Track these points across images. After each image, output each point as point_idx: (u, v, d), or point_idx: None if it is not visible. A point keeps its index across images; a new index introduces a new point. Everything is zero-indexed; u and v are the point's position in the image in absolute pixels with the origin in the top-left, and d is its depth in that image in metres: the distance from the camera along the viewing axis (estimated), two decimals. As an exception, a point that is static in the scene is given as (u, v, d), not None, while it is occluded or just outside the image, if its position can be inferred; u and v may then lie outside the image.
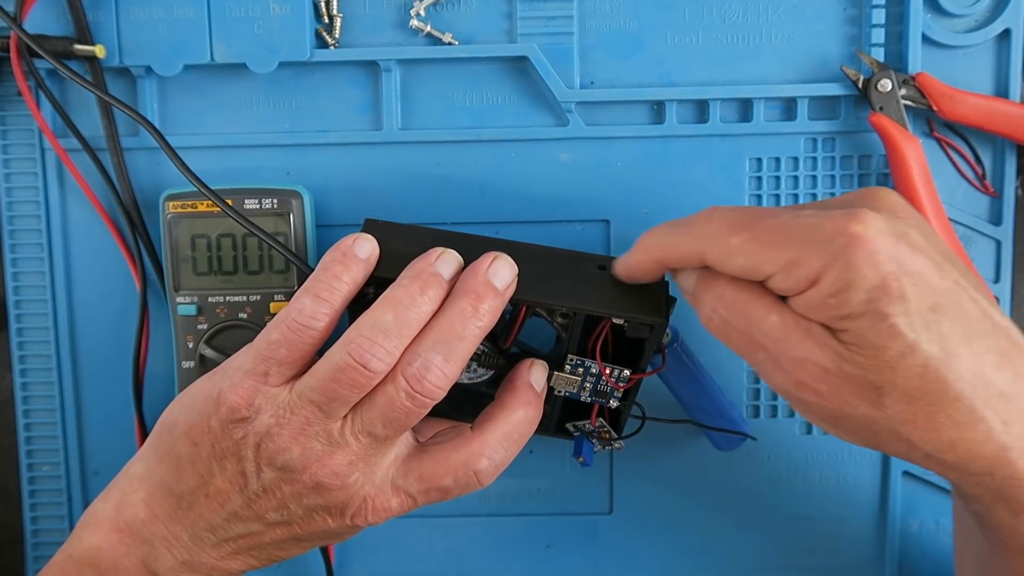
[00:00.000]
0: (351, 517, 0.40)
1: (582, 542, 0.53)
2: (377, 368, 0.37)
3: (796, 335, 0.36)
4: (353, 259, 0.39)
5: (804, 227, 0.35)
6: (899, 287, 0.34)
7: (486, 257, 0.40)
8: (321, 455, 0.38)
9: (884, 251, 0.34)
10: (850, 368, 0.35)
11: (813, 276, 0.35)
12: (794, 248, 0.35)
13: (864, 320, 0.34)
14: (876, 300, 0.34)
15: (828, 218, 0.35)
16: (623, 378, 0.43)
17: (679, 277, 0.41)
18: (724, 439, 0.50)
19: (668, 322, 0.42)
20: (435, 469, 0.40)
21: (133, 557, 0.40)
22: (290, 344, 0.38)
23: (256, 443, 0.38)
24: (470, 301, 0.38)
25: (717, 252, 0.37)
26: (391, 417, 0.38)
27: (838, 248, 0.34)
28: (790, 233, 0.35)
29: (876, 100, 0.48)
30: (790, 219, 0.36)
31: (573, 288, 0.42)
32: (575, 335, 0.42)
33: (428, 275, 0.39)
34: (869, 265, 0.34)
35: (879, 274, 0.34)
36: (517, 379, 0.42)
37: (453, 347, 0.38)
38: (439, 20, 0.50)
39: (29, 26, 0.48)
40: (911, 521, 0.53)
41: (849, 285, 0.34)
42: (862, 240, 0.34)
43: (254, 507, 0.40)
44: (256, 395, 0.38)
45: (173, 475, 0.40)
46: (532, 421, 0.42)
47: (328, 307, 0.38)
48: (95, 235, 0.51)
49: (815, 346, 0.36)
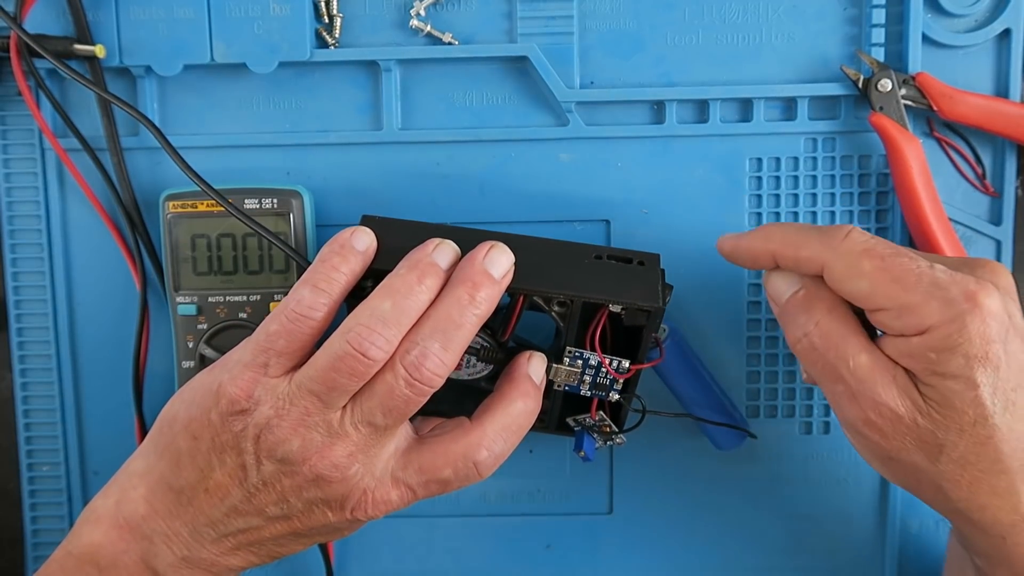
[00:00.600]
0: (351, 510, 0.40)
1: (582, 542, 0.53)
2: (376, 356, 0.37)
3: (882, 377, 0.38)
4: (351, 251, 0.40)
5: (935, 279, 0.37)
6: (996, 362, 0.36)
7: (482, 246, 0.40)
8: (321, 446, 0.38)
9: (996, 326, 0.36)
10: (924, 421, 0.37)
11: (925, 327, 0.37)
12: (919, 295, 0.37)
13: (955, 383, 0.37)
14: (972, 368, 0.36)
15: (959, 281, 0.37)
16: (622, 368, 0.43)
17: (777, 281, 0.42)
18: (724, 438, 0.50)
19: (664, 308, 0.42)
20: (434, 461, 0.40)
21: (133, 553, 0.40)
22: (289, 334, 0.38)
23: (256, 435, 0.39)
24: (467, 289, 0.39)
25: (844, 267, 0.38)
26: (390, 406, 0.38)
27: (960, 311, 0.36)
28: (920, 279, 0.37)
29: (876, 100, 0.48)
30: (925, 267, 0.38)
31: (570, 276, 0.42)
32: (573, 324, 0.42)
33: (425, 264, 0.39)
34: (979, 335, 0.36)
35: (985, 345, 0.36)
36: (515, 370, 0.43)
37: (451, 335, 0.38)
38: (439, 20, 0.50)
39: (29, 26, 0.48)
40: (911, 521, 0.53)
41: (956, 347, 0.36)
42: (984, 311, 0.36)
43: (254, 501, 0.40)
44: (256, 386, 0.39)
45: (173, 470, 0.40)
46: (531, 412, 0.42)
47: (327, 297, 0.39)
48: (95, 235, 0.51)
49: (897, 392, 0.38)
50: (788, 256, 0.41)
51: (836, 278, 0.39)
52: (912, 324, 0.37)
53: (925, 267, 0.37)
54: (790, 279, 0.41)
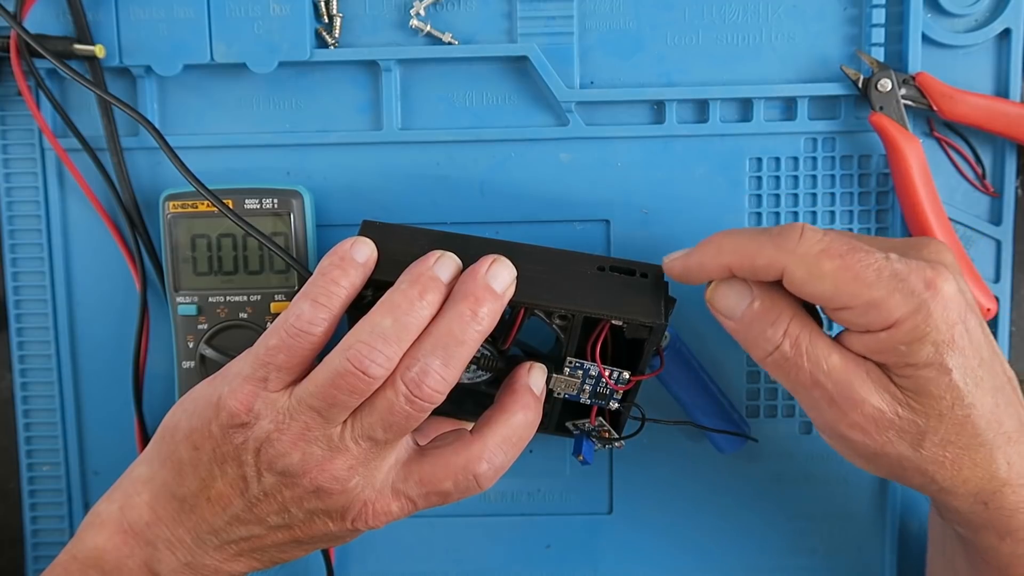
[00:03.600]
0: (352, 521, 0.40)
1: (582, 542, 0.53)
2: (376, 374, 0.37)
3: (857, 376, 0.38)
4: (351, 263, 0.39)
5: (894, 272, 0.37)
6: (961, 343, 0.37)
7: (484, 260, 0.39)
8: (321, 460, 0.38)
9: (956, 308, 0.37)
10: (904, 412, 0.38)
11: (891, 321, 0.37)
12: (882, 290, 0.37)
13: (928, 371, 0.37)
14: (942, 354, 0.37)
15: (916, 269, 0.37)
16: (622, 380, 0.43)
17: (727, 294, 0.40)
18: (725, 441, 0.50)
19: (668, 323, 0.42)
20: (435, 473, 0.40)
21: (136, 559, 0.40)
22: (289, 349, 0.38)
23: (256, 448, 0.39)
24: (469, 305, 0.38)
25: (804, 271, 0.38)
26: (391, 422, 0.38)
27: (923, 300, 0.36)
28: (880, 273, 0.37)
29: (876, 100, 0.48)
30: (882, 260, 0.37)
31: (571, 290, 0.42)
32: (574, 337, 0.42)
33: (426, 279, 0.39)
34: (943, 321, 0.37)
35: (950, 329, 0.37)
36: (516, 382, 0.42)
37: (452, 352, 0.38)
38: (439, 20, 0.50)
39: (29, 26, 0.48)
40: (911, 521, 0.53)
41: (924, 336, 0.37)
42: (943, 296, 0.37)
43: (255, 511, 0.40)
44: (255, 400, 0.38)
45: (175, 478, 0.40)
46: (531, 424, 0.42)
47: (327, 312, 0.38)
48: (95, 235, 0.51)
49: (874, 388, 0.38)
50: (744, 266, 0.39)
51: (797, 282, 0.38)
52: (878, 320, 0.37)
53: (882, 259, 0.37)
54: (740, 291, 0.40)
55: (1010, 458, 0.39)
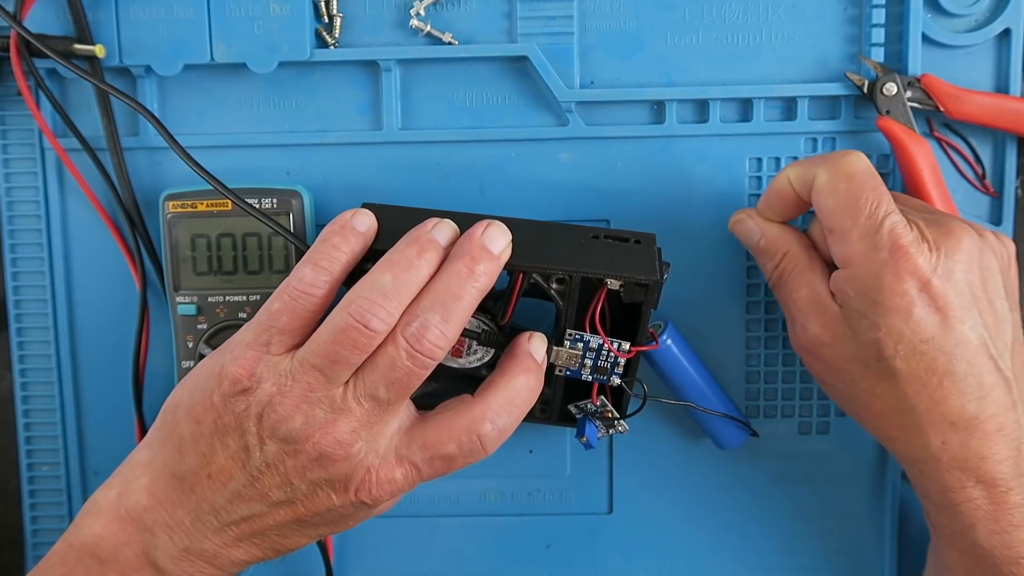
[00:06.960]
0: (355, 491, 0.40)
1: (582, 542, 0.53)
2: (378, 327, 0.38)
3: (813, 308, 0.44)
4: (352, 231, 0.40)
5: (879, 223, 0.40)
6: (905, 314, 0.40)
7: (480, 224, 0.41)
8: (324, 423, 0.39)
9: (913, 283, 0.40)
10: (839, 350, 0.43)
11: (849, 261, 0.41)
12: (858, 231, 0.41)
13: (863, 321, 0.41)
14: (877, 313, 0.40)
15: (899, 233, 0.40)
16: (623, 348, 0.43)
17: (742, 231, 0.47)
18: (727, 436, 0.50)
19: (663, 283, 0.42)
20: (438, 436, 0.40)
21: (134, 545, 0.40)
22: (291, 312, 0.39)
23: (258, 414, 0.39)
24: (466, 263, 0.39)
25: (825, 179, 0.42)
26: (393, 378, 0.38)
27: (880, 259, 0.40)
28: (870, 217, 0.40)
29: (882, 104, 0.48)
30: (884, 209, 0.41)
31: (567, 254, 0.43)
32: (572, 303, 0.43)
33: (425, 240, 0.40)
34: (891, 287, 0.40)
35: (896, 298, 0.40)
36: (517, 348, 0.43)
37: (451, 307, 0.38)
38: (439, 20, 0.50)
39: (29, 26, 0.48)
40: (911, 521, 0.53)
41: (868, 290, 0.40)
42: (902, 266, 0.40)
43: (257, 485, 0.40)
44: (258, 365, 0.39)
45: (175, 456, 0.40)
46: (533, 387, 0.42)
47: (328, 275, 0.39)
48: (95, 235, 0.51)
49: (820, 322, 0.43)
50: (798, 172, 0.44)
51: (816, 187, 0.42)
52: (840, 254, 0.42)
53: (885, 211, 0.40)
54: (751, 228, 0.46)
55: (947, 439, 0.41)
